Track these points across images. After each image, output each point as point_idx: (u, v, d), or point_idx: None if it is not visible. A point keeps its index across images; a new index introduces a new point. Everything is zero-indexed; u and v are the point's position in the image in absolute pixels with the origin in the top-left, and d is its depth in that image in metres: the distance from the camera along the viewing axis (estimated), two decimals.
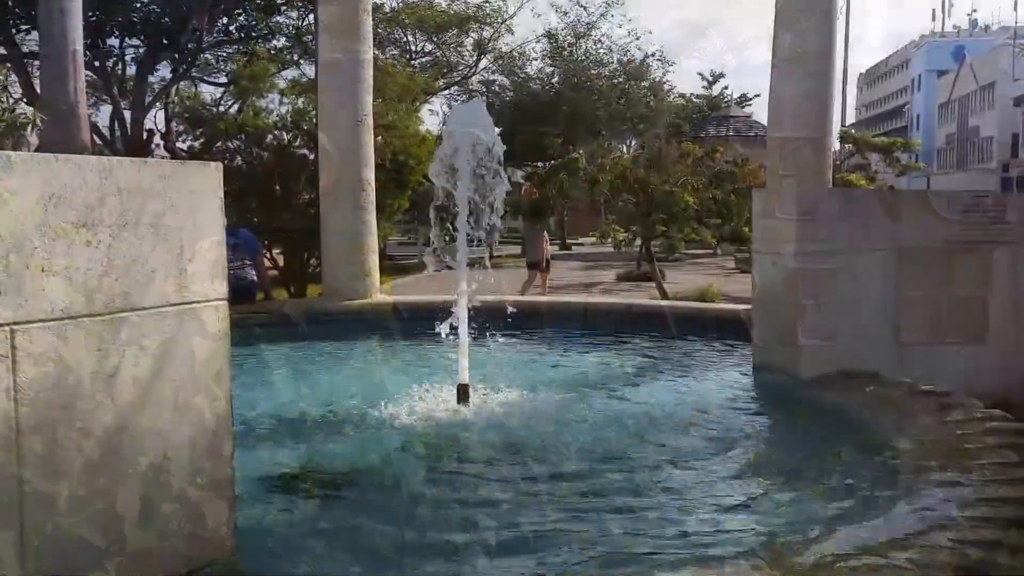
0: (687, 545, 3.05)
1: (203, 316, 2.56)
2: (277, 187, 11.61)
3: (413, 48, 29.60)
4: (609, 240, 18.00)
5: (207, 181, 2.56)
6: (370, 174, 9.03)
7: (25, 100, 12.32)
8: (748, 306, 6.70)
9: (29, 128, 7.27)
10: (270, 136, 11.90)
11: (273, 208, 11.48)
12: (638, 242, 17.47)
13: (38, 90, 11.56)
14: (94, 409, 2.27)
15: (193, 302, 2.53)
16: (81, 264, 2.24)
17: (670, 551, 3.00)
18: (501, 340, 6.06)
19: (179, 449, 2.48)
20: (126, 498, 2.33)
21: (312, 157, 11.02)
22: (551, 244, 18.59)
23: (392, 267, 19.95)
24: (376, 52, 14.69)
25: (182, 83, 20.47)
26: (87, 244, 2.25)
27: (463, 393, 5.21)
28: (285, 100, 12.82)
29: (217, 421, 2.59)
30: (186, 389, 2.49)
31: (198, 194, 2.53)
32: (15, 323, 2.09)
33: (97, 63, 18.29)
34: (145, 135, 18.92)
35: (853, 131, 33.05)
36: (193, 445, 2.52)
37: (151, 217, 2.40)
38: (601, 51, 33.09)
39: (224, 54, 21.73)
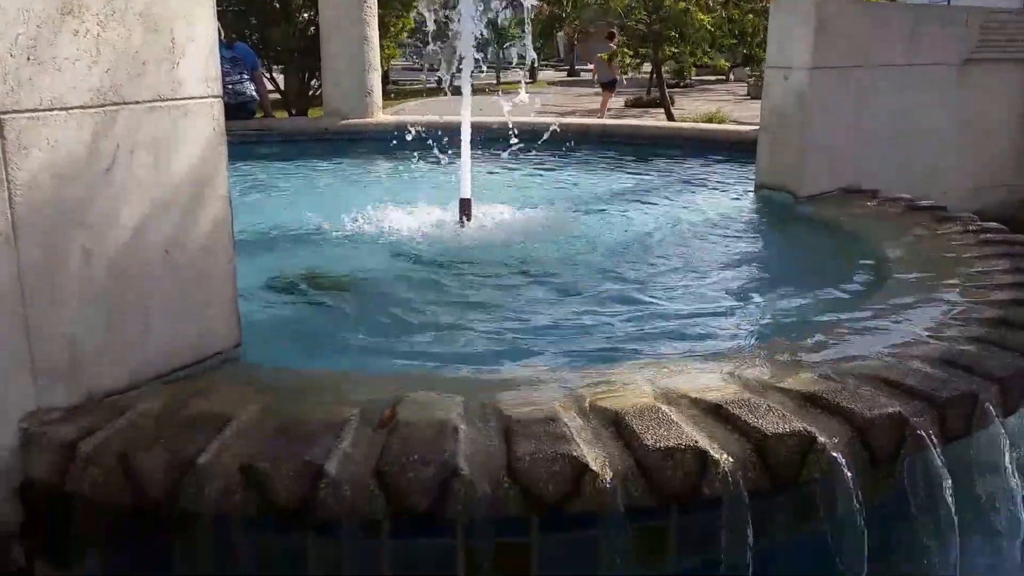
0: (668, 344, 3.16)
1: (197, 113, 2.53)
2: (276, 3, 11.23)
3: None
4: (617, 60, 17.59)
5: None
6: None
7: None
8: (755, 126, 6.62)
9: None
10: None
11: (272, 24, 11.14)
12: (647, 67, 17.04)
13: None
14: (91, 206, 2.28)
15: (187, 98, 2.50)
16: (69, 54, 2.20)
17: (651, 349, 3.12)
18: (505, 158, 6.04)
19: (180, 246, 2.51)
20: (129, 291, 2.38)
21: None
22: (558, 70, 18.99)
23: (396, 91, 19.55)
24: None
25: None
26: (74, 33, 2.20)
27: (466, 208, 5.24)
28: None
29: (217, 218, 2.61)
30: (184, 184, 2.50)
31: None
32: (2, 112, 2.07)
33: None
34: None
35: None
36: (194, 241, 2.55)
37: (140, 6, 2.33)
38: None
39: None
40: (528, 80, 20.65)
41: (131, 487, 2.01)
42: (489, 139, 6.21)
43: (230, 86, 8.03)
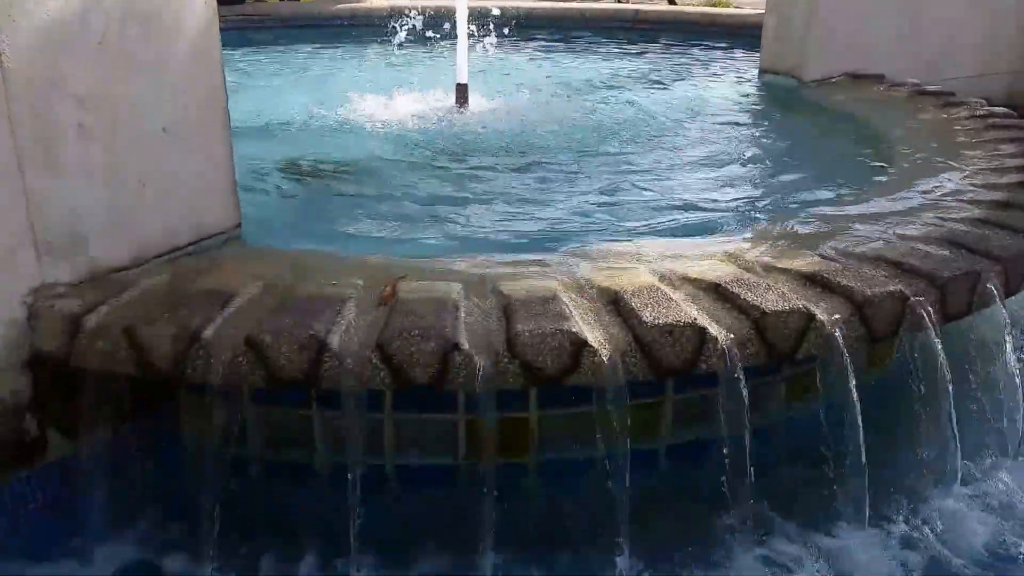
0: (668, 228, 3.16)
1: None
2: None
3: None
4: None
5: None
6: None
7: None
8: (759, 11, 6.46)
9: None
10: None
11: None
12: None
13: None
14: (85, 79, 2.24)
15: None
16: None
17: (653, 225, 3.13)
18: (503, 43, 5.90)
19: (177, 123, 2.47)
20: (127, 168, 2.36)
21: None
22: None
23: None
24: None
25: None
26: None
27: (462, 93, 5.14)
28: None
29: (212, 96, 2.57)
30: (177, 60, 2.44)
31: None
32: None
33: None
34: None
35: None
36: (190, 119, 2.51)
37: None
38: None
39: None
40: None
41: (137, 359, 2.04)
42: (483, 24, 6.07)
43: None
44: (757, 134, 4.58)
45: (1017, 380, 2.51)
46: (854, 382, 2.21)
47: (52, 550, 2.19)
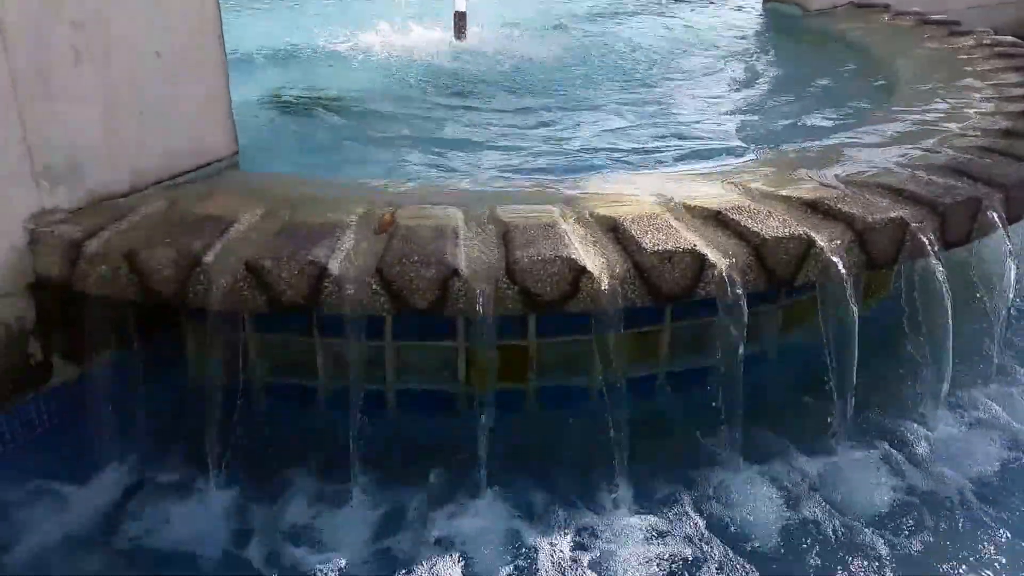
0: (669, 157, 3.14)
1: None
2: None
3: None
4: None
5: None
6: None
7: None
8: None
9: None
10: None
11: None
12: None
13: None
14: (78, 3, 2.21)
15: None
16: None
17: (654, 154, 3.11)
18: None
19: (171, 49, 2.44)
20: (123, 92, 2.34)
21: None
22: None
23: None
24: None
25: None
26: None
27: (460, 22, 5.04)
28: None
29: (206, 22, 2.53)
30: None
31: None
32: None
33: None
34: None
35: None
36: (185, 45, 2.48)
37: None
38: None
39: None
40: None
41: (138, 284, 2.05)
42: None
43: None
44: (761, 63, 4.52)
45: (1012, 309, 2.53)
46: (852, 309, 2.22)
47: (60, 470, 2.23)
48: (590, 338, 2.17)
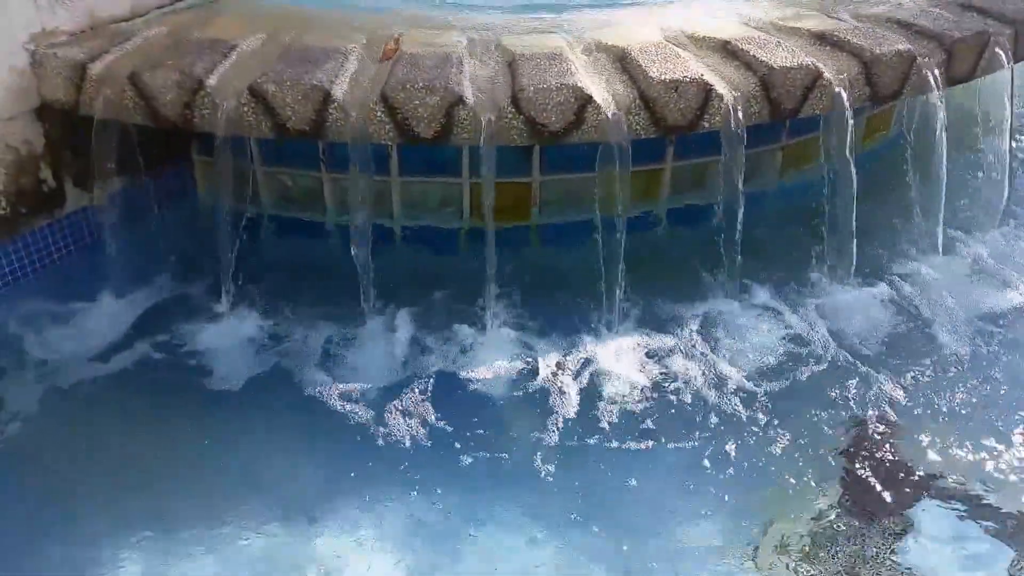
0: None
1: None
2: None
3: None
4: None
5: None
6: None
7: None
8: None
9: None
10: None
11: None
12: None
13: None
14: None
15: None
16: None
17: None
18: None
19: None
20: None
21: None
22: None
23: None
24: None
25: None
26: None
27: None
28: None
29: None
30: None
31: None
32: None
33: None
34: None
35: None
36: None
37: None
38: None
39: None
40: None
41: (143, 107, 2.05)
42: None
43: None
44: None
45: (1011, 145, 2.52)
46: (852, 145, 2.23)
47: (75, 294, 2.29)
48: (593, 175, 2.19)
